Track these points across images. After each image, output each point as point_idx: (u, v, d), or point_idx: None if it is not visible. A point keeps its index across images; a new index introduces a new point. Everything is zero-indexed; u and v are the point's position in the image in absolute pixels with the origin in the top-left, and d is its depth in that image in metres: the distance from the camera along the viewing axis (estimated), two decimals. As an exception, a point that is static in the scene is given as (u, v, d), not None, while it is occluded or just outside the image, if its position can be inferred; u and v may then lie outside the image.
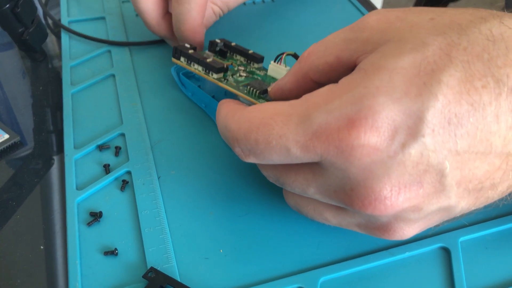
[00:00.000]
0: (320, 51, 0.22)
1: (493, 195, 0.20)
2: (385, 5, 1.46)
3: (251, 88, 0.28)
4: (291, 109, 0.20)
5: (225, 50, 0.33)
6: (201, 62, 0.31)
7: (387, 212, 0.19)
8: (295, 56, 0.29)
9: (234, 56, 0.34)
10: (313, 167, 0.20)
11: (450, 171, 0.18)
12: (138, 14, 0.37)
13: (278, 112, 0.20)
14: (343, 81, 0.19)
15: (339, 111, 0.18)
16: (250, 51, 0.33)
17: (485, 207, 0.22)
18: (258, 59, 0.32)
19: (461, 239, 0.25)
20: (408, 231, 0.21)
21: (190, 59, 0.31)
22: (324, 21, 0.43)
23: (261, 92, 0.27)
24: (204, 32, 0.35)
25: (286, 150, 0.19)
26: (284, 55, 0.29)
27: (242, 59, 0.33)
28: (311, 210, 0.23)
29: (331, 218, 0.22)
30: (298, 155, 0.19)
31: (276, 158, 0.20)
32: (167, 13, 0.37)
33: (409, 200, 0.19)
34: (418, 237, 0.25)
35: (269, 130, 0.20)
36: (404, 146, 0.18)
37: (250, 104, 0.27)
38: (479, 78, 0.18)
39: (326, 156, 0.19)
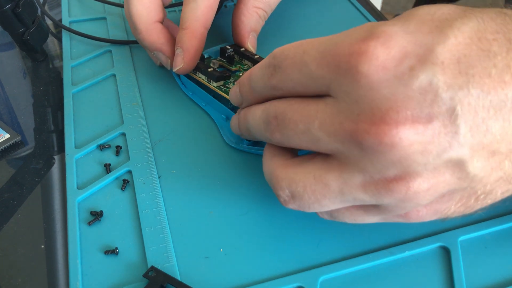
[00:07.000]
0: None
1: (510, 170, 0.19)
2: (384, 5, 1.46)
3: None
4: (323, 38, 0.21)
5: (233, 55, 0.35)
6: (203, 71, 0.33)
7: (393, 138, 0.18)
8: None
9: (243, 61, 0.35)
10: (324, 98, 0.21)
11: (462, 111, 0.18)
12: (129, 18, 0.34)
13: (313, 39, 0.22)
14: None
15: (356, 34, 0.19)
16: (256, 56, 0.35)
17: (504, 201, 0.21)
18: None
19: (461, 238, 0.25)
20: (417, 182, 0.19)
21: (195, 68, 0.33)
22: (324, 21, 0.44)
23: None
24: (205, 35, 0.33)
25: (305, 65, 0.21)
26: None
27: (249, 63, 0.35)
28: (311, 177, 0.21)
29: (333, 181, 0.21)
30: (313, 70, 0.20)
31: (296, 75, 0.21)
32: (157, 21, 0.35)
33: (418, 135, 0.18)
34: (418, 236, 0.25)
35: (299, 47, 0.22)
36: (412, 69, 0.18)
37: None
38: (491, 33, 0.19)
39: (336, 75, 0.20)
